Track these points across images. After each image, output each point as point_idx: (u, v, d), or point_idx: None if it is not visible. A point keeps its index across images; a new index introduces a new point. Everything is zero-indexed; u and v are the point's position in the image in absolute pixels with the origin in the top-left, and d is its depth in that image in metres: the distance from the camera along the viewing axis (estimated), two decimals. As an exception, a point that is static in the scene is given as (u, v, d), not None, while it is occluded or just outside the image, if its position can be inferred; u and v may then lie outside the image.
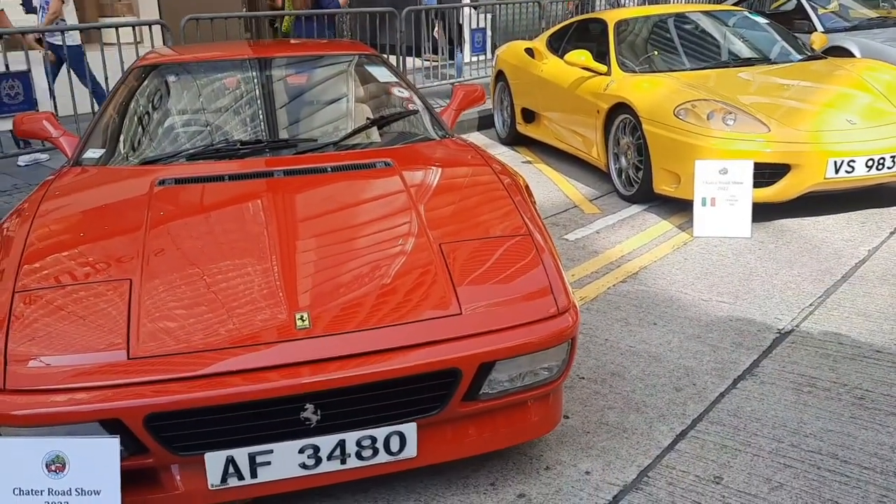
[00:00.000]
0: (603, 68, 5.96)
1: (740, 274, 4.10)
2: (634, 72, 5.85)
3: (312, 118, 3.44)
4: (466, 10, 9.41)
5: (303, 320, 2.14)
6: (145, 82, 3.52)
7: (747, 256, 4.34)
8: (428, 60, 10.06)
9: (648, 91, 5.36)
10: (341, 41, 5.08)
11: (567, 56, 6.16)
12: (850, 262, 4.20)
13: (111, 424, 1.97)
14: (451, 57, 10.00)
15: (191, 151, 3.10)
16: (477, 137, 8.26)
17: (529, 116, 7.22)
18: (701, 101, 4.99)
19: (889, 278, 3.94)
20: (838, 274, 4.04)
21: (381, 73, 3.73)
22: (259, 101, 3.39)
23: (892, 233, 4.60)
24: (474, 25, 9.27)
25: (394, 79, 3.73)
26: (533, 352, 2.24)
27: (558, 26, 7.48)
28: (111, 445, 1.96)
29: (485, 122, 8.57)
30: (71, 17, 6.69)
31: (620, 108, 5.48)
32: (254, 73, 3.49)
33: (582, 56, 6.00)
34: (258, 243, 2.41)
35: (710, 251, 4.45)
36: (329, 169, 2.91)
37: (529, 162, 6.93)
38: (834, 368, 3.08)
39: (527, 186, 2.99)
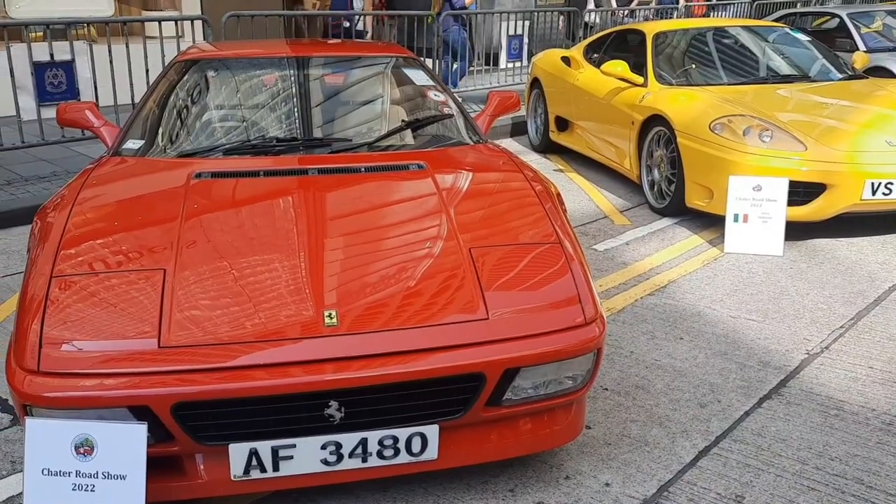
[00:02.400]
0: (639, 80, 5.94)
1: (770, 292, 4.05)
2: (671, 84, 5.81)
3: (347, 118, 3.47)
4: (503, 16, 9.41)
5: (331, 318, 2.16)
6: (185, 77, 3.58)
7: (778, 275, 4.29)
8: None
9: (684, 104, 5.32)
10: (379, 43, 5.11)
11: (604, 66, 6.14)
12: (884, 285, 4.13)
13: (139, 411, 2.01)
14: (487, 62, 10.02)
15: (227, 146, 3.14)
16: (509, 144, 8.26)
17: (563, 125, 7.20)
18: (737, 116, 4.95)
19: (924, 304, 3.88)
20: (871, 297, 3.97)
21: (417, 76, 3.75)
22: (295, 100, 3.43)
23: (928, 258, 4.52)
24: (511, 32, 9.26)
25: (430, 82, 3.75)
26: (558, 360, 2.23)
27: (596, 36, 7.46)
28: (139, 431, 2.00)
29: (518, 129, 8.57)
30: None
31: (655, 120, 5.45)
32: (291, 72, 3.53)
33: (619, 66, 5.98)
34: (289, 239, 2.44)
35: (741, 268, 4.41)
36: (362, 169, 2.94)
37: (561, 170, 6.91)
38: (863, 393, 3.03)
39: (558, 194, 2.99)
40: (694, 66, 6.15)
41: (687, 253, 4.68)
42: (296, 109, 3.39)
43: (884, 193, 4.59)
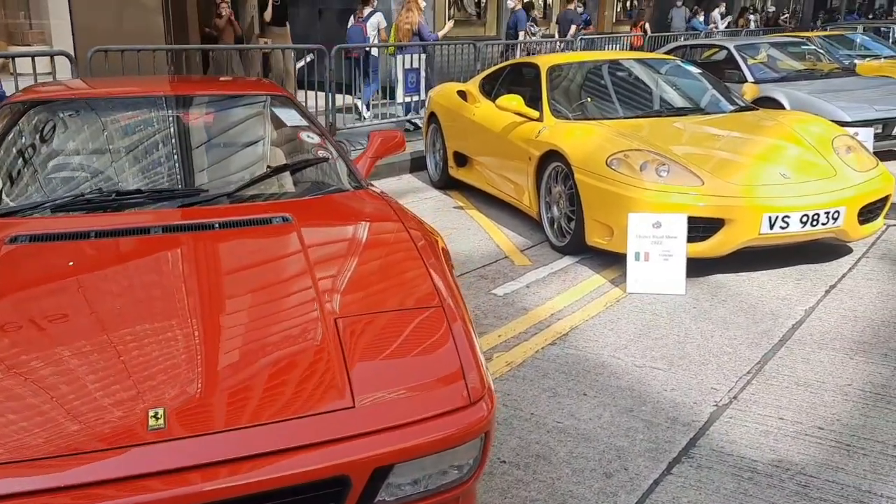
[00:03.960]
0: (535, 114, 5.77)
1: (675, 336, 3.86)
2: (567, 118, 5.67)
3: (204, 166, 3.06)
4: (398, 49, 9.20)
5: (156, 419, 1.75)
6: (14, 120, 3.10)
7: (682, 316, 4.11)
8: (360, 99, 9.81)
9: (581, 139, 5.17)
10: (249, 80, 4.72)
11: (499, 100, 5.94)
12: (787, 323, 4.01)
13: None
14: (385, 96, 9.78)
15: (56, 203, 2.68)
16: (409, 180, 8.00)
17: (462, 160, 6.98)
18: (634, 150, 4.81)
19: (827, 342, 3.76)
20: (775, 337, 3.84)
21: (288, 116, 3.39)
22: (144, 146, 3.00)
23: (827, 291, 4.46)
24: (408, 65, 9.04)
25: (303, 122, 3.39)
26: (439, 451, 1.90)
27: (491, 69, 7.31)
28: None
29: (417, 165, 8.31)
30: None
31: (552, 155, 5.27)
32: (140, 113, 3.11)
33: (514, 101, 5.79)
34: (111, 322, 2.02)
35: (644, 310, 4.22)
36: (217, 225, 2.54)
37: (461, 207, 6.67)
38: (775, 449, 2.83)
39: (444, 249, 2.68)
40: (589, 99, 6.04)
41: (589, 294, 4.47)
42: (143, 157, 2.97)
43: (781, 227, 4.51)
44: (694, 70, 6.50)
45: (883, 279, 4.64)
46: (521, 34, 11.72)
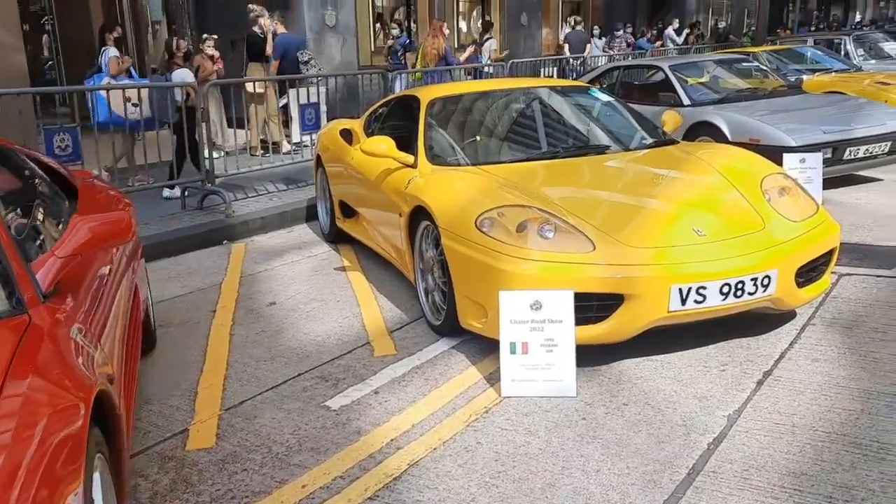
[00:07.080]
0: (409, 159, 4.74)
1: (547, 473, 2.80)
2: (446, 164, 4.64)
3: None
4: (289, 82, 8.17)
5: None
6: None
7: (564, 435, 3.06)
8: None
9: (452, 192, 4.14)
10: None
11: (364, 143, 4.91)
12: (703, 441, 2.96)
13: None
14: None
15: None
16: (300, 233, 6.94)
17: (349, 211, 5.94)
18: (512, 207, 3.78)
19: (752, 474, 2.72)
20: (683, 468, 2.79)
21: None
22: None
23: (759, 382, 3.43)
24: (304, 100, 7.99)
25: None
26: None
27: (378, 103, 6.29)
28: None
29: (315, 213, 7.24)
30: None
31: (422, 212, 4.23)
32: None
33: (382, 144, 4.76)
34: None
35: (517, 425, 3.16)
36: None
37: (344, 269, 5.61)
38: None
39: (78, 441, 1.60)
40: (479, 139, 5.03)
41: (453, 402, 3.40)
42: None
43: (696, 301, 3.48)
44: (604, 97, 5.50)
45: (831, 358, 3.63)
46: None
